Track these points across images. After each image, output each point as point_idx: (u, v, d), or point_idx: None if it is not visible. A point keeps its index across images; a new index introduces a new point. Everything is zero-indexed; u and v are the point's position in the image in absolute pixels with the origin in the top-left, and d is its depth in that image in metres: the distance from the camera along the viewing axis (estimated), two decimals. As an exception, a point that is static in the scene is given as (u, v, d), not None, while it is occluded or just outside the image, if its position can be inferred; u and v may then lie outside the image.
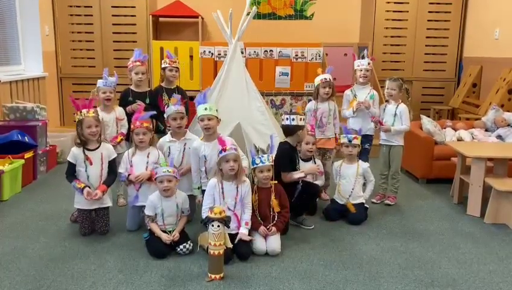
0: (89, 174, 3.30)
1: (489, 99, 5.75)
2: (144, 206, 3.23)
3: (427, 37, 6.95)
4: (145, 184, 3.39)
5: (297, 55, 5.53)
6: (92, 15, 6.62)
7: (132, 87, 4.06)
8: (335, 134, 4.16)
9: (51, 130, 5.32)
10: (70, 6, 6.57)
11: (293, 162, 3.62)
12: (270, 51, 5.54)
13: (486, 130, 5.09)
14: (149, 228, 3.15)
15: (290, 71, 5.54)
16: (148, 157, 3.42)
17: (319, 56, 5.54)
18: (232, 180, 3.13)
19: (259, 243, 3.11)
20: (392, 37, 6.96)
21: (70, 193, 3.45)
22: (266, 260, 3.03)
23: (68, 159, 3.33)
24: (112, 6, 6.59)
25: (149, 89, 4.22)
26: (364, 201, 3.81)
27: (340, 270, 2.91)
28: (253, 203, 3.21)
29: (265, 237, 3.15)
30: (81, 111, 3.25)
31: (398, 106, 4.08)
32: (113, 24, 6.65)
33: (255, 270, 2.90)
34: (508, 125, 4.94)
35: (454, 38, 6.95)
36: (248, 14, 4.00)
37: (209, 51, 5.55)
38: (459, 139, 4.86)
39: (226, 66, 3.95)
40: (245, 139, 3.80)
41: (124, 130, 3.87)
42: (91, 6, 6.58)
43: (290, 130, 3.60)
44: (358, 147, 3.81)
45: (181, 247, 3.07)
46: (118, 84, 3.93)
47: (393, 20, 6.90)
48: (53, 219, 3.70)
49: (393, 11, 6.87)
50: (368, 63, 4.18)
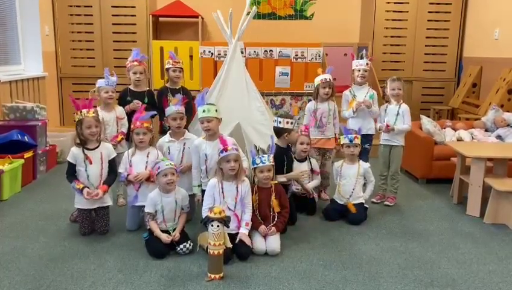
0: (88, 174, 3.30)
1: (489, 100, 5.75)
2: (144, 206, 3.23)
3: (427, 37, 6.95)
4: (144, 184, 3.39)
5: (297, 55, 5.53)
6: (92, 15, 6.62)
7: (131, 87, 4.07)
8: (335, 134, 4.16)
9: (50, 130, 5.32)
10: (70, 6, 6.57)
11: (283, 163, 3.62)
12: (270, 51, 5.54)
13: (486, 130, 5.09)
14: (149, 227, 3.15)
15: (290, 71, 5.54)
16: (147, 157, 3.42)
17: (319, 56, 5.54)
18: (232, 180, 3.13)
19: (259, 243, 3.11)
20: (392, 37, 6.96)
21: (70, 193, 3.45)
22: (266, 259, 3.03)
23: (68, 159, 3.33)
24: (112, 6, 6.60)
25: (148, 88, 4.22)
26: (364, 201, 3.82)
27: (339, 270, 2.91)
28: (253, 203, 3.21)
29: (265, 237, 3.16)
30: (81, 111, 3.25)
31: (400, 105, 4.08)
32: (113, 24, 6.66)
33: (254, 270, 2.90)
34: (508, 125, 4.94)
35: (454, 38, 6.96)
36: (248, 14, 4.00)
37: (209, 51, 5.55)
38: (459, 139, 4.86)
39: (226, 66, 3.95)
40: (245, 139, 3.80)
41: (124, 129, 3.87)
42: (91, 6, 6.59)
43: (277, 132, 3.66)
44: (359, 146, 3.81)
45: (181, 247, 3.07)
46: (117, 84, 3.94)
47: (393, 20, 6.90)
48: (53, 219, 3.70)
49: (393, 11, 6.88)
50: (366, 63, 4.18)
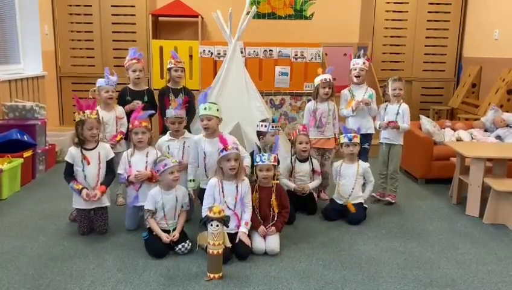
0: (86, 174, 3.29)
1: (488, 100, 5.75)
2: (143, 206, 3.22)
3: (427, 37, 6.95)
4: (145, 184, 3.39)
5: (296, 55, 5.53)
6: (92, 14, 6.61)
7: (130, 86, 4.07)
8: (334, 134, 4.16)
9: (50, 129, 5.32)
10: (70, 6, 6.56)
11: None
12: (270, 50, 5.53)
13: (486, 130, 5.09)
14: (148, 226, 3.15)
15: (289, 71, 5.54)
16: (147, 157, 3.41)
17: (319, 56, 5.53)
18: (232, 180, 3.13)
19: (258, 243, 3.11)
20: (391, 37, 6.96)
21: (69, 192, 3.45)
22: (265, 259, 3.03)
23: (66, 159, 3.32)
24: (112, 6, 6.59)
25: (147, 87, 4.21)
26: (363, 201, 3.81)
27: (339, 270, 2.91)
28: (253, 202, 3.22)
29: (265, 237, 3.16)
30: (84, 112, 3.24)
31: (400, 105, 4.09)
32: (113, 23, 6.65)
33: (254, 269, 2.90)
34: (507, 125, 4.94)
35: (454, 39, 6.96)
36: (248, 13, 4.00)
37: (209, 51, 5.55)
38: (458, 140, 4.86)
39: (225, 66, 3.96)
40: (244, 138, 3.81)
41: (124, 129, 3.87)
42: (90, 6, 6.58)
43: (257, 136, 3.72)
44: (358, 145, 3.81)
45: (180, 246, 3.06)
46: (118, 83, 3.94)
47: (393, 20, 6.90)
48: (52, 218, 3.70)
49: (393, 11, 6.87)
50: (363, 63, 4.18)
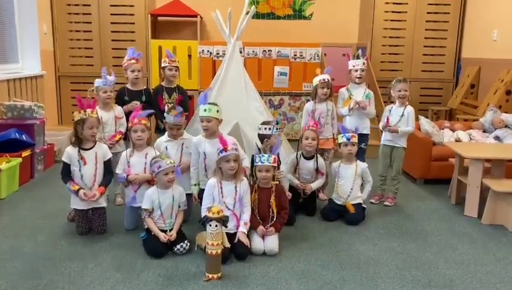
0: (82, 174, 3.28)
1: (487, 101, 5.76)
2: (141, 206, 3.21)
3: (426, 37, 6.96)
4: (143, 186, 3.38)
5: (295, 55, 5.53)
6: (91, 14, 6.61)
7: (128, 86, 4.06)
8: (333, 134, 4.16)
9: (48, 129, 5.31)
10: (69, 5, 6.56)
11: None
12: (269, 50, 5.54)
13: (484, 131, 5.09)
14: (146, 227, 3.14)
15: (288, 71, 5.55)
16: (146, 158, 3.40)
17: (318, 56, 5.54)
18: (231, 180, 3.13)
19: (257, 243, 3.11)
20: (390, 37, 6.97)
21: (68, 192, 3.43)
22: (264, 259, 3.03)
23: (63, 159, 3.31)
24: (111, 5, 6.59)
25: (145, 87, 4.21)
26: (362, 201, 3.81)
27: (337, 271, 2.91)
28: (253, 202, 3.21)
29: (263, 237, 3.15)
30: (85, 110, 3.23)
31: (405, 107, 4.07)
32: (112, 23, 6.64)
33: (252, 270, 2.89)
34: (506, 126, 4.95)
35: (453, 39, 6.97)
36: (247, 13, 4.00)
37: (208, 50, 5.55)
38: (457, 140, 4.86)
39: (224, 66, 3.96)
40: (243, 139, 3.80)
41: (123, 129, 3.86)
42: (89, 5, 6.58)
43: (260, 139, 3.58)
44: (357, 145, 3.80)
45: (178, 247, 3.06)
46: (116, 83, 3.93)
47: (392, 20, 6.91)
48: (50, 218, 3.69)
49: (392, 12, 6.88)
50: (363, 63, 4.18)
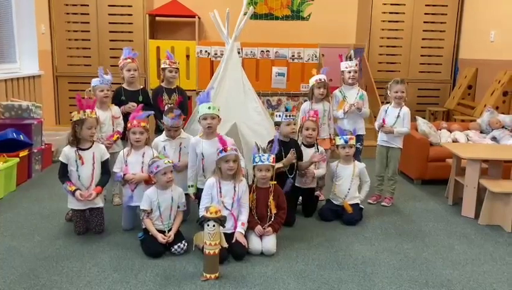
0: (80, 174, 3.27)
1: (484, 101, 5.78)
2: (139, 206, 3.22)
3: (423, 38, 6.99)
4: (140, 185, 3.38)
5: (293, 56, 5.53)
6: (89, 14, 6.60)
7: (124, 86, 4.05)
8: (329, 135, 4.17)
9: (46, 129, 5.31)
10: (67, 5, 6.55)
11: (282, 155, 3.58)
12: (267, 51, 5.54)
13: (481, 131, 5.11)
14: (144, 227, 3.14)
15: (286, 72, 5.55)
16: (143, 157, 3.40)
17: (316, 57, 5.54)
18: (230, 180, 3.14)
19: (254, 243, 3.11)
20: (388, 38, 6.99)
21: (65, 192, 3.44)
22: (261, 259, 3.04)
23: (60, 159, 3.30)
24: (109, 5, 6.58)
25: (142, 87, 4.20)
26: (359, 202, 3.82)
27: (335, 271, 2.92)
28: (251, 202, 3.22)
29: (261, 237, 3.16)
30: (84, 111, 3.23)
31: (401, 108, 4.09)
32: (110, 23, 6.64)
33: (250, 270, 2.90)
34: (503, 127, 4.97)
35: (450, 40, 6.99)
36: (245, 14, 4.00)
37: (206, 51, 5.54)
38: (454, 141, 4.88)
39: (222, 66, 3.95)
40: (241, 139, 3.80)
41: (120, 129, 3.86)
42: (87, 5, 6.57)
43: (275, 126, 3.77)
44: (354, 147, 3.81)
45: (175, 247, 3.06)
46: (112, 82, 3.92)
47: (389, 21, 6.93)
48: (48, 218, 3.69)
49: (390, 13, 6.91)
50: (356, 64, 4.20)
